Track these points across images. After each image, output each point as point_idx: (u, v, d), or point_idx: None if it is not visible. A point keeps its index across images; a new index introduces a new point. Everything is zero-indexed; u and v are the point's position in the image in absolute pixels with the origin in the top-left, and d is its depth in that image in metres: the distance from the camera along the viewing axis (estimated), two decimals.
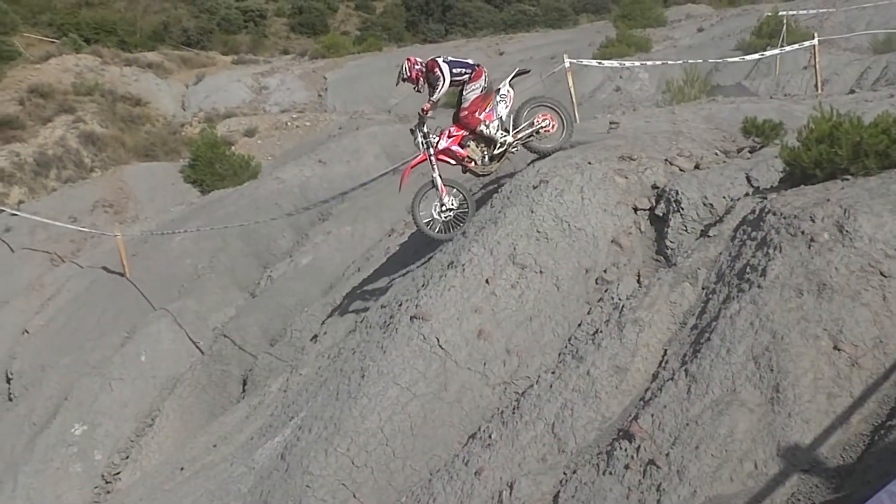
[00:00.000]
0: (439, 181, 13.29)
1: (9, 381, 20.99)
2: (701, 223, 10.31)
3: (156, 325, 20.35)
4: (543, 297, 10.31)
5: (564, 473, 7.79)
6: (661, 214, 10.81)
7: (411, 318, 10.63)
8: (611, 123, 15.51)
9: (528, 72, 14.97)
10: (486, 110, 13.50)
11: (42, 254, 26.96)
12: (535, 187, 11.56)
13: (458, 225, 13.09)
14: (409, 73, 13.67)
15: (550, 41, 42.93)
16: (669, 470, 6.96)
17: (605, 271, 10.39)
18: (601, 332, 9.03)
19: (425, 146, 13.36)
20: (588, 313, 9.88)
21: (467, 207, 13.20)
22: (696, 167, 11.61)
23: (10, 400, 20.53)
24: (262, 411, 13.84)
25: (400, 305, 11.25)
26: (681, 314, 8.77)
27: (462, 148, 13.44)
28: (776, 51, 25.60)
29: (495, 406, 9.44)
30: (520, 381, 9.61)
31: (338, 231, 21.99)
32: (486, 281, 10.61)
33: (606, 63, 24.31)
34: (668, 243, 10.44)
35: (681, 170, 11.60)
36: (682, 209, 10.48)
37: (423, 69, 13.58)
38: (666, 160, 11.87)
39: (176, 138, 36.91)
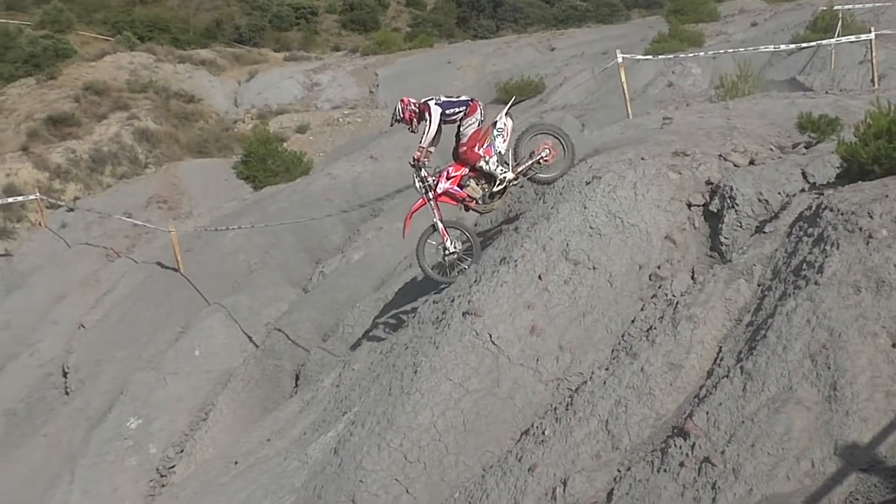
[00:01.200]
0: (440, 225, 13.41)
1: (65, 375, 21.26)
2: (756, 219, 10.23)
3: (209, 321, 20.52)
4: (596, 294, 10.27)
5: (618, 471, 7.76)
6: (715, 210, 10.74)
7: (464, 313, 10.62)
8: (664, 119, 15.42)
9: (525, 99, 14.91)
10: (485, 145, 13.51)
11: (98, 249, 27.28)
12: (587, 183, 11.52)
13: (467, 264, 13.11)
14: (402, 115, 13.84)
15: (602, 36, 42.78)
16: (725, 468, 6.92)
17: (658, 267, 10.34)
18: (655, 328, 8.98)
19: (424, 190, 13.46)
20: (641, 310, 9.83)
21: (472, 247, 13.26)
22: (751, 163, 11.52)
23: (67, 394, 20.79)
24: (314, 406, 13.91)
25: (452, 301, 11.24)
26: (736, 311, 8.70)
27: (461, 188, 13.50)
28: (832, 40, 25.35)
29: (548, 402, 9.42)
30: (572, 377, 9.58)
31: (389, 227, 22.02)
32: (539, 277, 10.58)
33: (659, 57, 24.20)
34: (722, 239, 10.38)
35: (735, 165, 11.52)
36: (737, 205, 10.41)
37: (416, 110, 13.65)
38: (720, 156, 11.79)
39: (228, 135, 37.18)
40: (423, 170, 13.46)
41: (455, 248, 13.33)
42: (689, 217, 10.93)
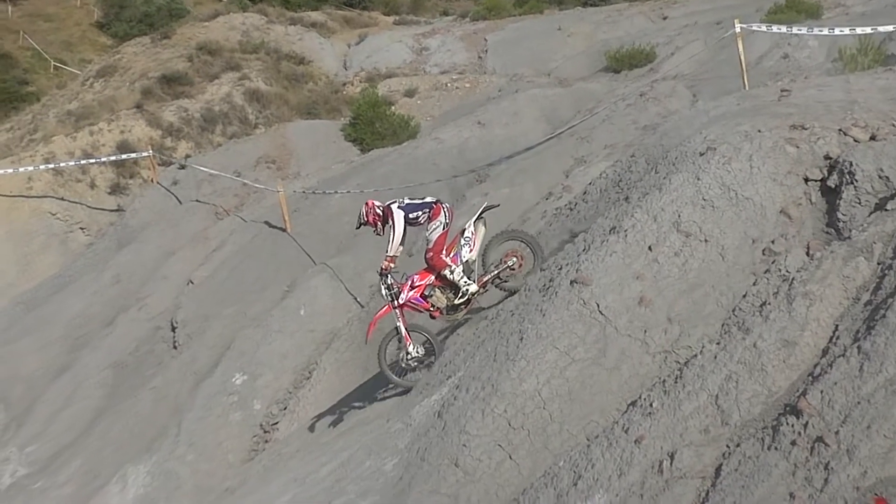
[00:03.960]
0: (403, 331, 13.56)
1: (174, 329, 21.67)
2: (876, 196, 9.95)
3: (315, 280, 20.68)
4: (707, 267, 10.12)
5: (727, 446, 7.67)
6: (832, 186, 10.47)
7: (571, 282, 10.57)
8: (781, 91, 15.05)
9: (497, 206, 14.99)
10: (452, 253, 13.64)
11: (207, 207, 27.69)
12: (701, 154, 11.32)
13: (427, 367, 13.31)
14: (366, 218, 14.08)
15: (716, 6, 41.86)
16: (839, 448, 6.79)
17: (772, 242, 10.13)
18: (769, 304, 8.82)
19: (390, 298, 13.59)
20: (754, 284, 9.66)
21: (433, 352, 13.42)
22: (872, 138, 11.19)
23: (175, 348, 21.20)
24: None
25: (560, 269, 11.18)
26: (854, 289, 8.50)
27: (426, 298, 13.65)
28: None
29: (655, 374, 9.33)
30: (681, 350, 9.47)
31: (495, 193, 21.89)
32: (649, 248, 10.46)
33: (776, 29, 23.62)
34: (839, 216, 10.12)
35: (855, 140, 11.20)
36: (856, 181, 10.13)
37: (381, 213, 13.81)
38: (840, 130, 11.46)
39: (337, 97, 37.32)
40: (389, 277, 13.68)
41: (417, 353, 13.57)
42: (805, 192, 10.68)
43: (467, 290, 13.42)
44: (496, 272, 13.56)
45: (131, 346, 22.26)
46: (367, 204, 14.21)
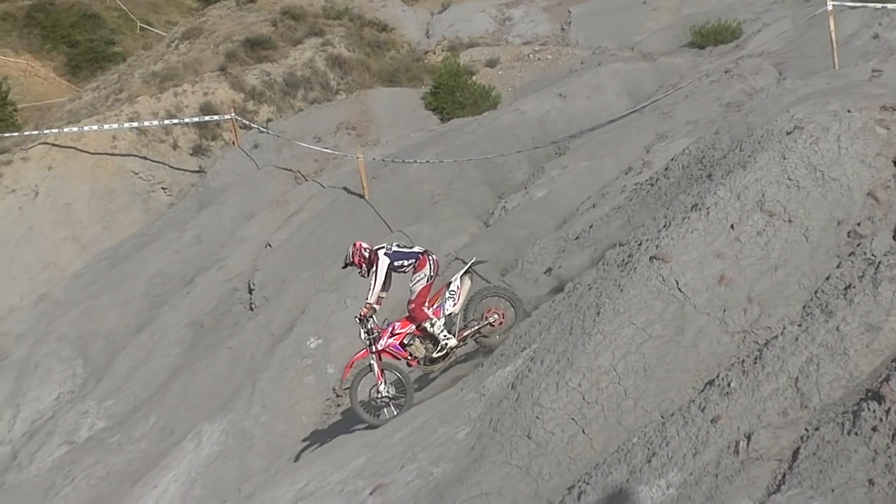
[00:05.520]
0: (377, 369, 13.61)
1: (251, 291, 21.91)
2: None
3: None
4: (790, 247, 9.99)
5: (806, 430, 7.58)
6: None
7: (651, 258, 10.50)
8: (873, 71, 14.77)
9: (486, 262, 15.18)
10: (436, 305, 13.74)
11: (287, 171, 27.87)
12: (788, 133, 11.15)
13: (398, 409, 13.45)
14: (352, 259, 14.07)
15: None
16: None
17: (858, 225, 9.97)
18: (853, 287, 8.68)
19: (368, 342, 13.65)
20: (837, 267, 9.51)
21: (404, 394, 13.53)
22: None
23: (251, 309, 21.45)
24: None
25: (639, 245, 11.11)
26: None
27: (404, 347, 13.71)
28: None
29: (733, 354, 9.25)
30: (760, 331, 9.38)
31: (574, 166, 21.80)
32: (731, 226, 10.35)
33: (871, 5, 23.10)
34: None
35: None
36: None
37: (367, 256, 13.86)
38: None
39: (419, 65, 37.18)
40: (369, 321, 13.72)
41: (387, 392, 13.66)
42: (894, 174, 10.47)
43: (446, 343, 13.60)
44: (477, 328, 13.75)
45: (209, 306, 22.57)
46: (354, 245, 14.33)
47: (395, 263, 13.76)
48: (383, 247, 14.01)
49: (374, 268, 13.69)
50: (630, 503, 7.92)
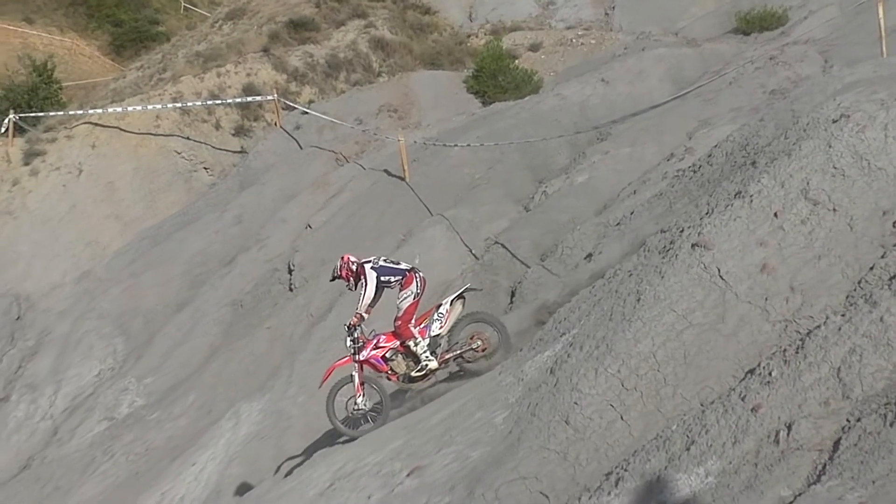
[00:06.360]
0: (357, 380, 13.74)
1: (290, 272, 22.04)
2: None
3: (431, 231, 20.80)
4: (834, 236, 9.88)
5: (847, 420, 7.52)
6: None
7: (692, 245, 10.43)
8: None
9: (480, 290, 15.50)
10: (423, 325, 13.82)
11: (328, 152, 27.96)
12: (834, 121, 11.02)
13: (373, 422, 13.56)
14: (339, 272, 14.21)
15: None
16: None
17: None
18: None
19: (353, 351, 13.82)
20: (882, 257, 9.40)
21: (381, 408, 13.62)
22: None
23: (291, 290, 21.57)
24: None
25: (681, 232, 11.04)
26: None
27: (386, 361, 13.83)
28: None
29: (775, 343, 9.17)
30: (802, 320, 9.29)
31: (616, 151, 21.74)
32: (775, 214, 10.24)
33: None
34: None
35: None
36: None
37: (354, 270, 13.95)
38: None
39: (461, 48, 37.13)
40: (356, 330, 13.87)
41: (364, 406, 13.75)
42: None
43: (427, 364, 13.73)
44: (459, 352, 13.83)
45: (249, 286, 22.73)
46: (342, 258, 14.43)
47: (382, 278, 13.90)
48: (370, 261, 14.12)
49: (363, 280, 13.81)
50: (668, 491, 7.90)
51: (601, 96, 25.89)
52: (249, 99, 31.68)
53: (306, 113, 30.12)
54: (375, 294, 13.87)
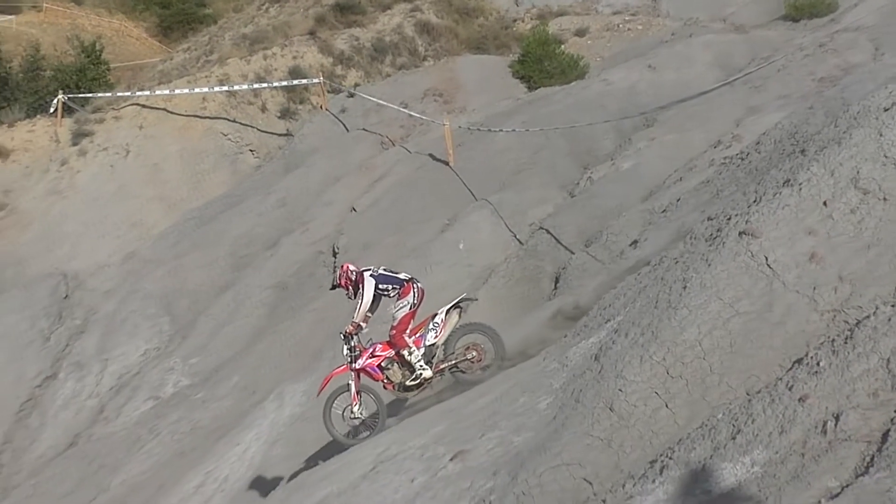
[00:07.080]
0: (353, 389, 13.78)
1: (335, 254, 22.13)
2: None
3: (476, 216, 20.79)
4: (885, 226, 9.78)
5: None
6: None
7: (740, 233, 10.35)
8: None
9: (475, 300, 15.11)
10: (418, 335, 13.83)
11: (373, 136, 28.03)
12: (886, 110, 10.90)
13: (369, 431, 13.62)
14: (338, 281, 14.20)
15: None
16: None
17: None
18: None
19: (350, 359, 13.83)
20: None
21: (377, 418, 13.65)
22: None
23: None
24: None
25: (729, 219, 10.96)
26: None
27: (382, 370, 13.84)
28: None
29: (822, 333, 9.09)
30: (850, 310, 9.20)
31: (662, 138, 21.63)
32: (824, 203, 10.15)
33: None
34: None
35: None
36: None
37: (353, 279, 13.90)
38: None
39: (507, 33, 37.05)
40: (353, 339, 13.86)
41: (360, 414, 13.84)
42: None
43: (421, 374, 13.77)
44: (454, 362, 13.86)
45: (293, 269, 22.84)
46: (341, 267, 14.48)
47: (380, 287, 13.87)
48: (369, 269, 14.16)
49: (361, 289, 13.81)
50: (713, 480, 7.86)
51: (648, 82, 25.77)
52: (295, 82, 31.81)
53: (352, 96, 30.20)
54: (373, 303, 13.92)
